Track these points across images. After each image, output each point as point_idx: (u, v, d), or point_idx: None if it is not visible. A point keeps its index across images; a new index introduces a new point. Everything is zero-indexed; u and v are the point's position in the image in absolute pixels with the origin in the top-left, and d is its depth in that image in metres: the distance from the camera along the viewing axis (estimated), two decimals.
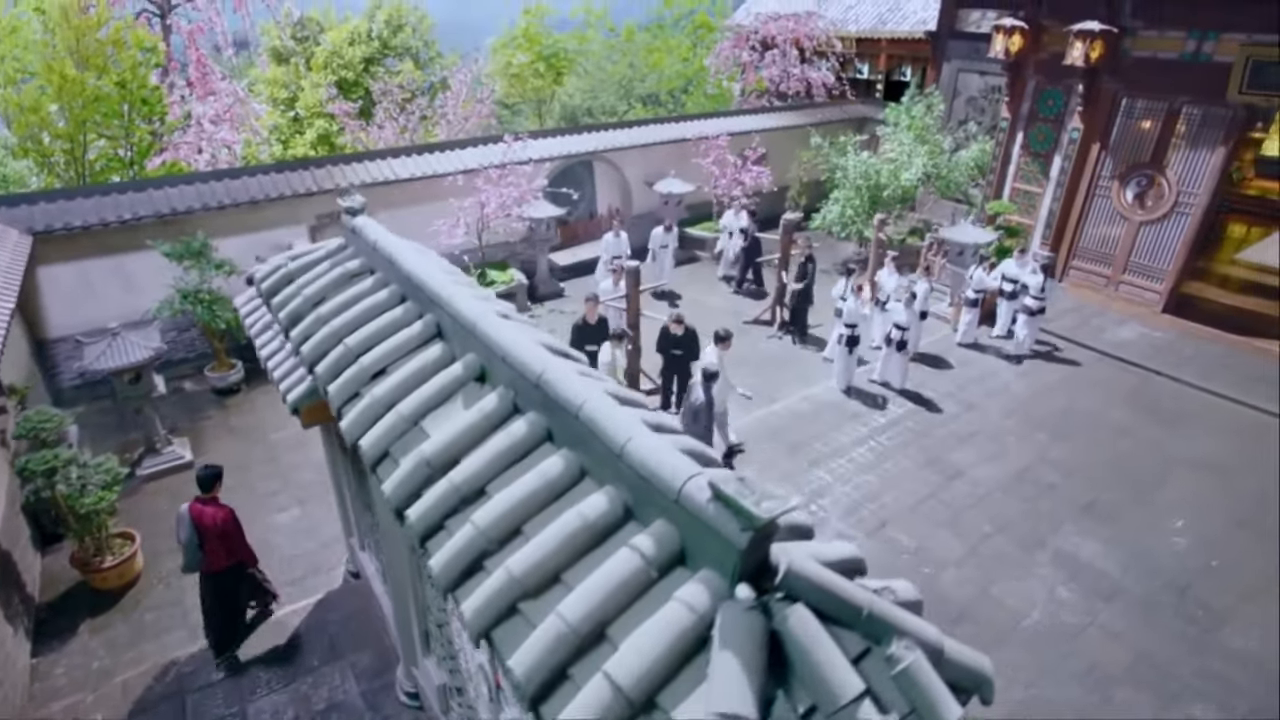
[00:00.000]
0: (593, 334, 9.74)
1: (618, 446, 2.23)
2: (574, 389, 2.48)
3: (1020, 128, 13.94)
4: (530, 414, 2.69)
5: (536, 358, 2.69)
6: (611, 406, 2.39)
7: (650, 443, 2.20)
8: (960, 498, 8.51)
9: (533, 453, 2.58)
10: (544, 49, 23.13)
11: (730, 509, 1.85)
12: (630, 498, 2.26)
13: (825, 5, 19.43)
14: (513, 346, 2.79)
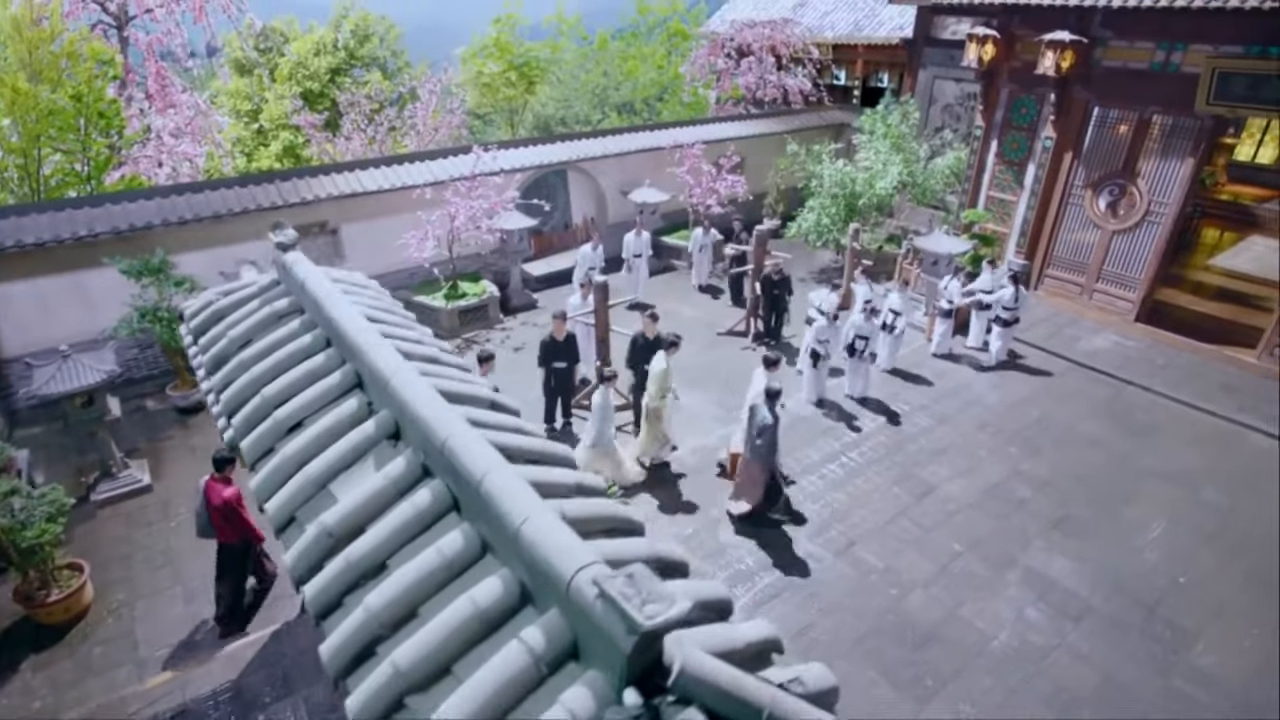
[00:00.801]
0: (561, 351, 9.61)
1: (513, 528, 2.11)
2: (476, 460, 2.35)
3: (994, 135, 13.92)
4: (436, 481, 2.56)
5: (443, 422, 2.56)
6: (512, 481, 2.26)
7: (546, 526, 2.07)
8: (930, 515, 8.43)
9: (436, 524, 2.45)
10: (515, 58, 22.98)
11: (614, 612, 1.73)
12: (529, 580, 2.14)
13: (801, 12, 19.38)
14: (421, 408, 2.66)
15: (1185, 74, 11.01)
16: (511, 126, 23.64)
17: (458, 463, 2.40)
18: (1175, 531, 8.25)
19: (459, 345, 12.67)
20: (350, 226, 12.60)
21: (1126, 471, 9.27)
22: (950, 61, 15.71)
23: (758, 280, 12.02)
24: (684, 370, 11.39)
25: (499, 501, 2.20)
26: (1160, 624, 7.11)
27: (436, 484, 2.55)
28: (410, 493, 2.58)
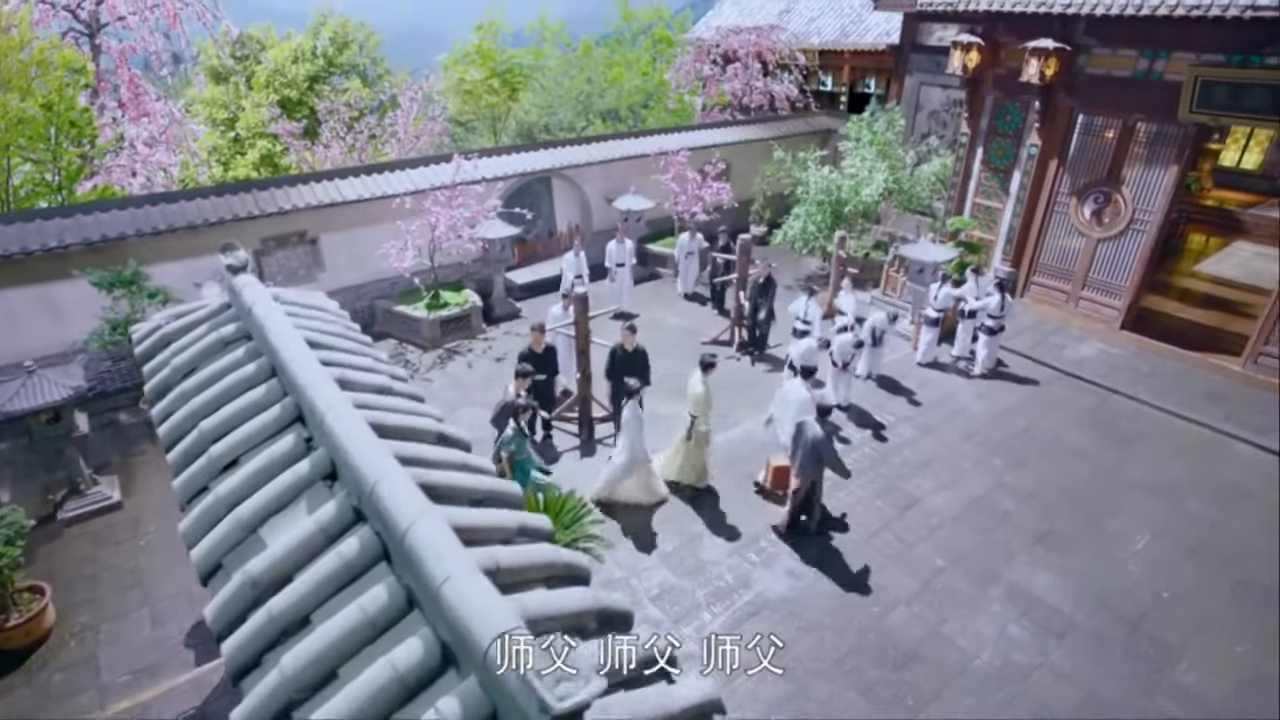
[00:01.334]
0: (540, 363, 9.47)
1: (434, 586, 1.98)
2: (403, 508, 2.23)
3: (980, 143, 13.87)
4: (367, 528, 2.43)
5: (373, 464, 2.43)
6: (438, 533, 2.13)
7: (467, 586, 1.94)
8: (914, 529, 8.33)
9: (364, 575, 2.32)
10: (498, 65, 22.84)
11: (526, 690, 1.60)
12: (452, 641, 2.01)
13: (787, 18, 19.33)
14: (353, 448, 2.53)
15: (1168, 82, 10.97)
16: (494, 134, 23.45)
17: (384, 511, 2.27)
18: (1159, 544, 8.18)
19: (440, 355, 12.53)
20: (330, 236, 12.44)
21: (1111, 483, 9.20)
22: (936, 68, 15.66)
23: (742, 289, 11.92)
24: (666, 381, 11.29)
25: (422, 556, 2.07)
26: (1144, 640, 7.02)
27: (366, 532, 2.42)
28: (340, 540, 2.44)
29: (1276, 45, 9.80)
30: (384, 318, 13.29)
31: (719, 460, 9.39)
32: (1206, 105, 10.61)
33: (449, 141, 18.41)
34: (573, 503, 6.98)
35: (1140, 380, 11.40)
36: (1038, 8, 11.18)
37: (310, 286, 12.58)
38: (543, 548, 2.52)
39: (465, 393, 11.39)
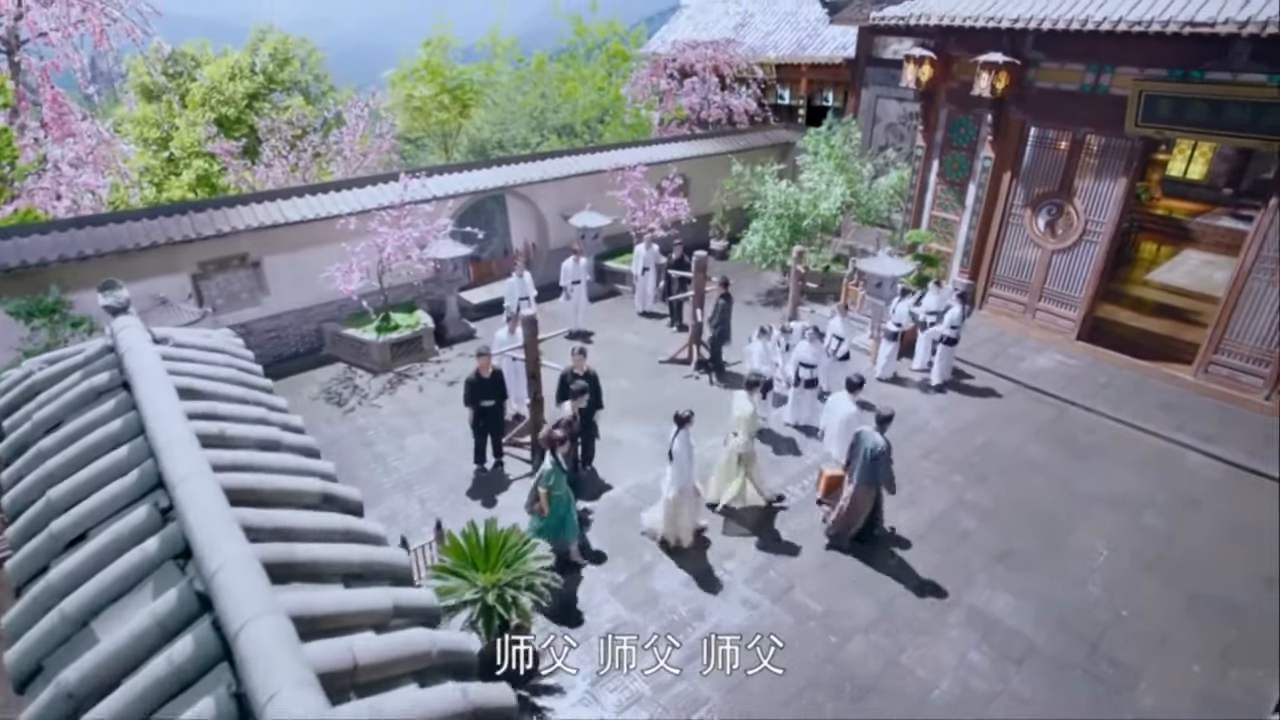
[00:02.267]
0: (488, 388, 9.16)
1: (259, 705, 1.68)
2: (239, 603, 1.92)
3: (935, 155, 13.91)
4: (207, 623, 2.11)
5: (218, 547, 2.12)
6: (273, 636, 1.83)
7: (298, 703, 1.65)
8: (873, 552, 8.14)
9: (199, 681, 2.01)
10: (448, 81, 22.49)
11: None
12: None
13: (743, 32, 19.32)
14: (201, 524, 2.22)
15: (1115, 95, 11.07)
16: (445, 151, 23.03)
17: (220, 604, 1.96)
18: (1117, 560, 8.10)
19: (390, 380, 12.13)
20: (273, 259, 12.00)
21: (1070, 498, 9.13)
22: (892, 81, 15.70)
23: (699, 306, 11.72)
24: (623, 400, 11.05)
25: (250, 665, 1.77)
26: (1103, 662, 6.89)
27: (206, 628, 2.10)
28: (178, 637, 2.12)
29: (1214, 61, 9.93)
30: (333, 341, 12.86)
31: None
32: (1151, 119, 10.71)
33: (398, 159, 18.01)
34: (515, 539, 6.66)
35: (1097, 391, 11.41)
36: (986, 22, 11.21)
37: (254, 310, 12.15)
38: (414, 635, 2.23)
39: (415, 418, 11.01)
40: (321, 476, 3.06)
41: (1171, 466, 9.78)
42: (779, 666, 6.65)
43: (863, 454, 7.63)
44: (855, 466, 7.75)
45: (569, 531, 7.73)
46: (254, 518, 2.42)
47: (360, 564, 2.55)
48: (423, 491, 9.37)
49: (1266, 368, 10.73)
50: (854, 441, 7.78)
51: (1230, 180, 18.93)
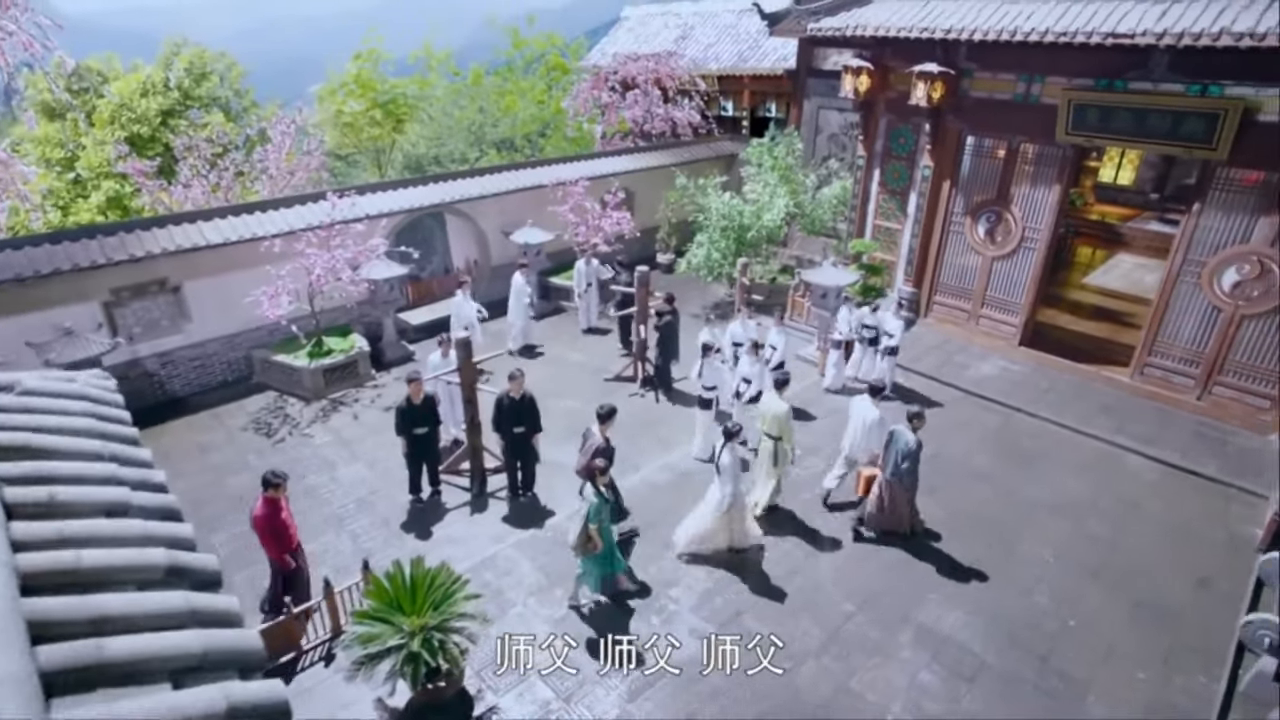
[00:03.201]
0: (420, 415, 8.74)
1: None
2: None
3: (876, 165, 13.98)
4: None
5: None
6: None
7: None
8: (822, 572, 7.96)
9: None
10: (380, 95, 21.87)
11: None
12: None
13: (684, 44, 19.29)
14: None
15: (1046, 104, 11.24)
16: (379, 167, 22.38)
17: None
18: (1063, 568, 8.06)
19: (324, 407, 11.58)
20: (195, 284, 11.38)
21: (1016, 506, 9.10)
22: (833, 92, 15.77)
23: (643, 323, 11.48)
24: (568, 420, 10.74)
25: None
26: (1053, 676, 6.80)
27: None
28: None
29: (1136, 71, 10.16)
30: (262, 368, 12.26)
31: None
32: (1080, 127, 10.89)
33: (328, 177, 17.41)
34: (443, 577, 6.27)
35: (1040, 397, 11.50)
36: (920, 33, 11.29)
37: (175, 338, 11.52)
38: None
39: (349, 448, 10.51)
40: (171, 544, 2.68)
41: (1112, 470, 9.85)
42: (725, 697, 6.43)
43: (895, 453, 7.88)
44: (889, 464, 7.97)
45: (619, 563, 7.46)
46: (58, 609, 2.05)
47: (200, 653, 2.19)
48: (355, 525, 8.89)
49: (1196, 368, 10.95)
50: (888, 440, 8.02)
51: (1156, 186, 19.57)
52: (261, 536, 6.80)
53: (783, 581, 7.82)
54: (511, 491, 9.28)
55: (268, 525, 6.74)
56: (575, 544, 6.92)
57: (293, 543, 7.04)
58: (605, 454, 7.33)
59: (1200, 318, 10.74)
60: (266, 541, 6.82)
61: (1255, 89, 9.44)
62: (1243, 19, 8.77)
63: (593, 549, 6.96)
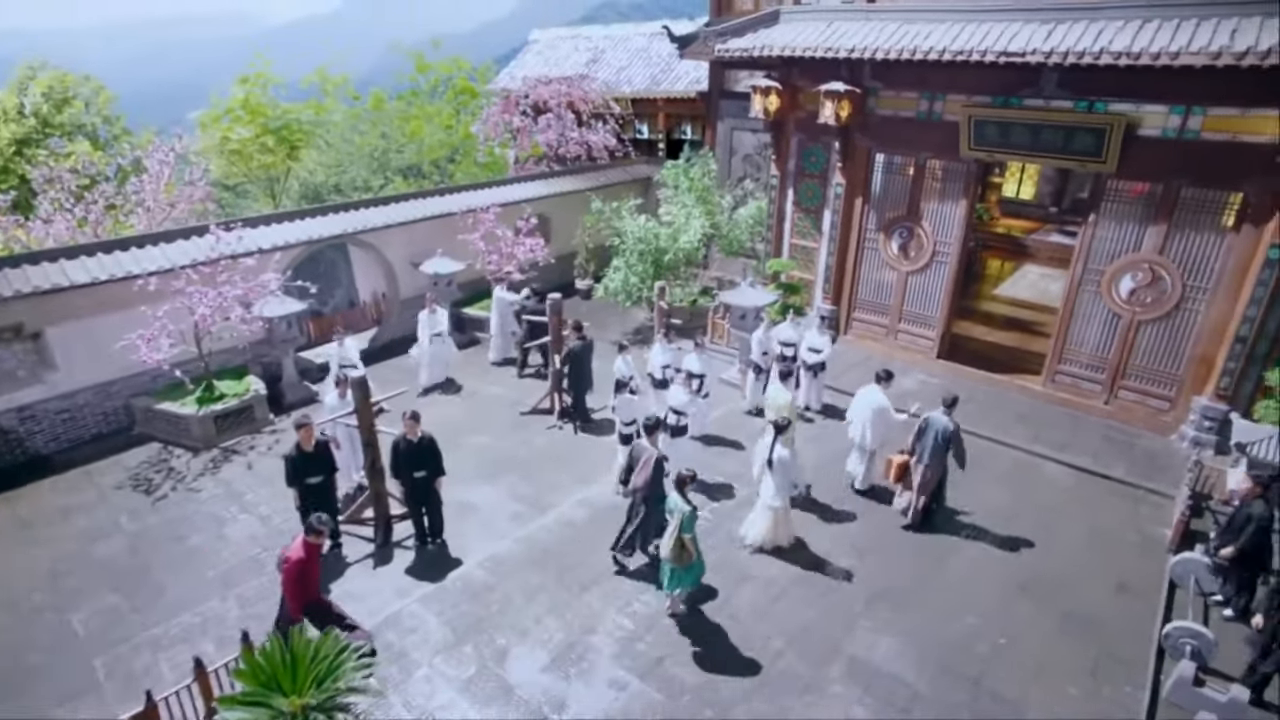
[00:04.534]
0: (313, 463, 8.02)
1: None
2: None
3: (790, 184, 14.02)
4: None
5: None
6: None
7: None
8: (749, 606, 7.59)
9: None
10: (271, 121, 20.72)
11: None
12: None
13: (596, 68, 19.15)
14: None
15: (948, 121, 11.45)
16: (273, 197, 21.22)
17: None
18: (991, 585, 7.94)
19: (215, 458, 10.64)
20: (59, 329, 10.32)
21: (942, 522, 8.98)
22: (745, 113, 15.82)
23: (556, 351, 11.03)
24: (480, 457, 10.21)
25: None
26: (986, 698, 6.59)
27: None
28: None
29: (1029, 89, 10.46)
30: (144, 418, 11.22)
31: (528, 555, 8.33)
32: (982, 143, 11.12)
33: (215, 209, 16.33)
34: (328, 647, 5.58)
35: (959, 408, 11.49)
36: (825, 53, 11.36)
37: (36, 390, 10.41)
38: None
39: (240, 501, 9.64)
40: None
41: (1032, 478, 9.91)
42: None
43: (934, 436, 8.38)
44: (924, 449, 8.45)
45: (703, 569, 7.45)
46: None
47: None
48: (244, 589, 8.05)
49: (1102, 374, 11.23)
50: (921, 427, 8.54)
51: (1055, 200, 20.45)
52: (289, 582, 6.32)
53: (707, 621, 7.42)
54: (419, 539, 8.62)
55: (299, 572, 6.28)
56: (669, 555, 6.94)
57: (314, 595, 6.58)
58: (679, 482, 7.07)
59: (1103, 324, 11.03)
60: (293, 589, 6.35)
61: (1135, 105, 9.81)
62: (1119, 39, 9.09)
63: (687, 559, 6.98)
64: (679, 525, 6.80)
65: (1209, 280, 10.01)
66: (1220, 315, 9.94)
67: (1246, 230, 9.56)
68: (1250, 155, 9.19)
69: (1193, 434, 10.30)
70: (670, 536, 6.86)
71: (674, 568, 7.00)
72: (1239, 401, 9.94)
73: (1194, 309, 10.21)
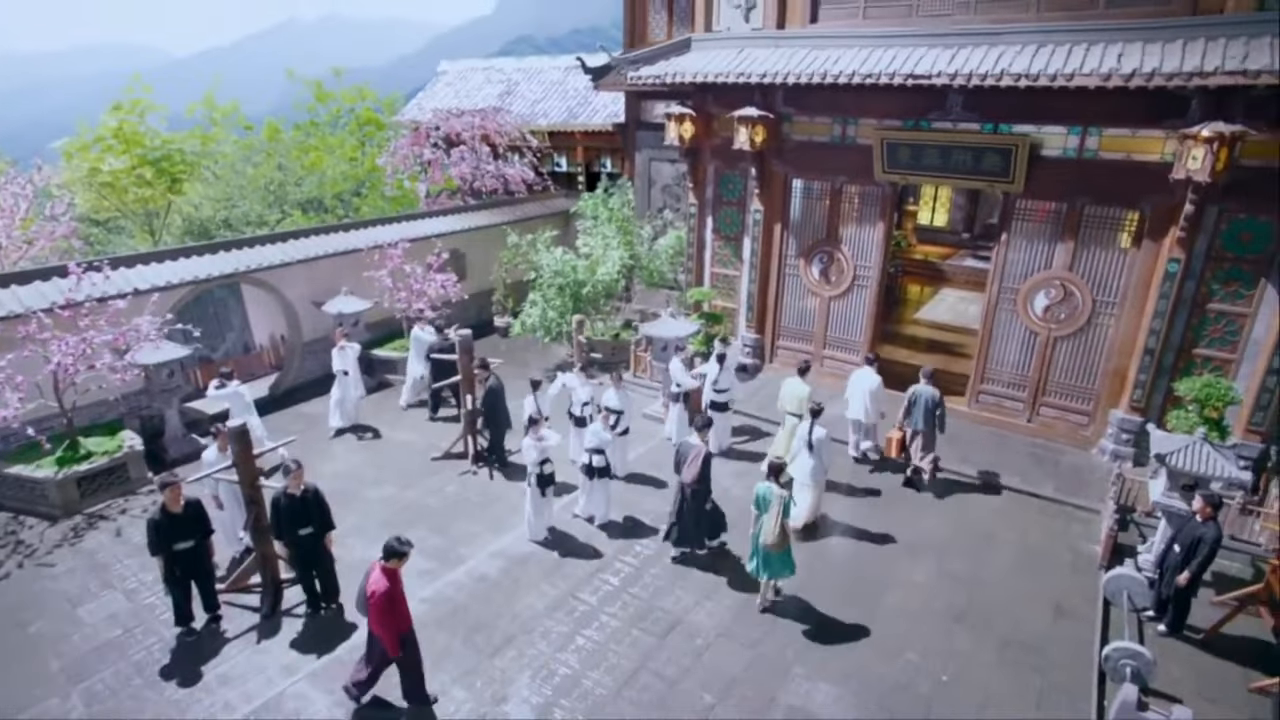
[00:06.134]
0: (182, 527, 7.06)
1: None
2: None
3: (709, 212, 13.82)
4: None
5: None
6: None
7: None
8: (676, 659, 6.98)
9: None
10: (149, 151, 19.21)
11: None
12: None
13: (510, 100, 18.80)
14: None
15: (862, 145, 11.47)
16: (151, 233, 19.71)
17: None
18: (928, 618, 7.57)
19: (77, 526, 9.40)
20: None
21: (877, 554, 8.64)
22: (662, 144, 15.68)
23: (469, 392, 10.32)
24: (384, 509, 9.36)
25: None
26: None
27: None
28: None
29: (937, 111, 10.56)
30: None
31: (436, 614, 7.51)
32: (895, 165, 11.15)
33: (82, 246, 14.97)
34: None
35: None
36: (737, 78, 11.26)
37: None
38: None
39: (102, 575, 8.45)
40: None
41: (963, 503, 9.71)
42: None
43: (923, 405, 9.58)
44: (916, 419, 9.72)
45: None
46: None
47: None
48: (96, 681, 6.92)
49: (1024, 391, 11.25)
50: (911, 400, 9.73)
51: (967, 226, 21.09)
52: (378, 615, 5.84)
53: (634, 675, 6.76)
54: (310, 606, 7.69)
55: (388, 603, 5.84)
56: (774, 541, 7.21)
57: (408, 625, 6.17)
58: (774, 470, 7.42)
59: (1021, 343, 11.08)
60: (383, 620, 5.87)
61: (1037, 126, 10.00)
62: (1018, 62, 9.25)
63: (786, 543, 7.31)
64: (781, 510, 7.12)
65: (1116, 295, 10.17)
66: (1129, 329, 10.09)
67: (1147, 245, 9.77)
68: (1145, 174, 9.43)
69: (1112, 447, 10.35)
70: (774, 521, 7.12)
71: (773, 555, 7.31)
72: (1151, 413, 10.05)
73: (1104, 324, 10.35)
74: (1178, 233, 9.24)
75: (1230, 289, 9.38)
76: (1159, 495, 8.41)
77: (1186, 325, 9.69)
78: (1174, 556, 7.23)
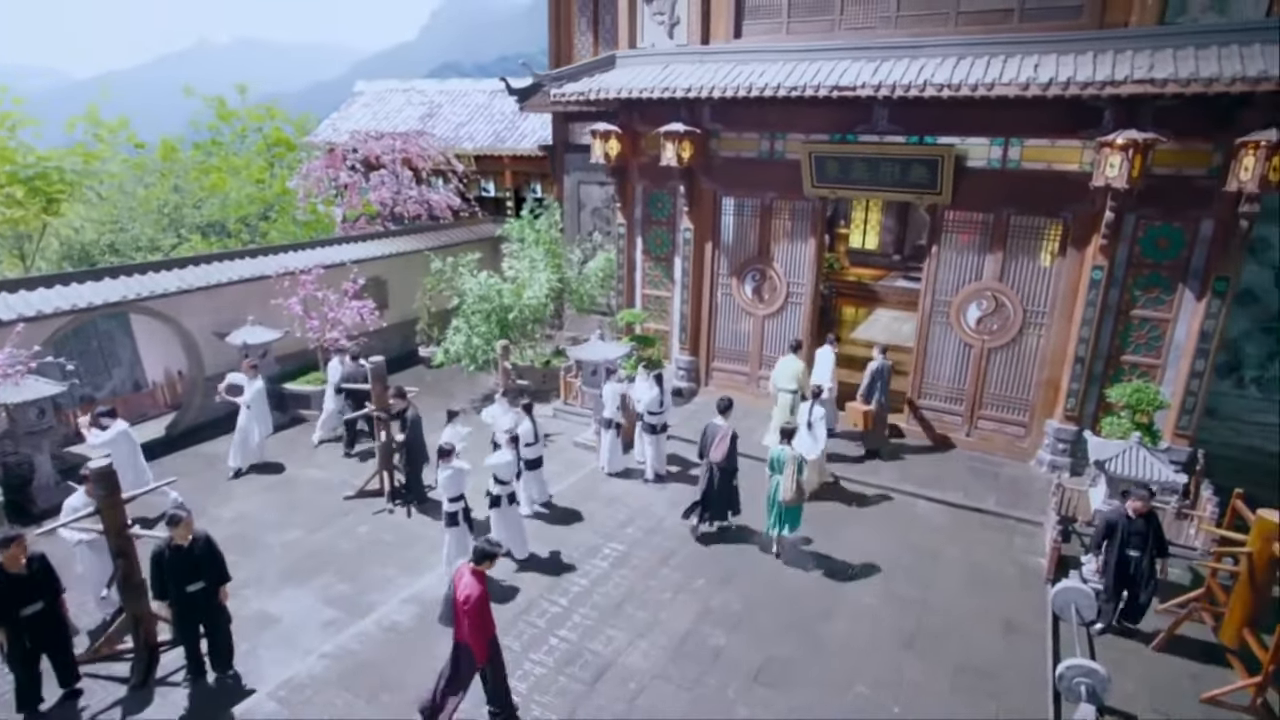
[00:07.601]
0: (25, 589, 6.08)
1: None
2: None
3: (638, 232, 13.47)
4: None
5: None
6: None
7: None
8: (609, 707, 6.31)
9: None
10: (22, 169, 17.58)
11: None
12: None
13: (432, 123, 18.22)
14: None
15: (790, 160, 11.33)
16: (22, 258, 18.08)
17: None
18: (878, 644, 7.13)
19: None
20: None
21: (820, 580, 8.17)
22: (590, 166, 15.38)
23: (384, 426, 9.53)
24: (288, 555, 8.45)
25: None
26: None
27: None
28: None
29: (863, 125, 10.53)
30: None
31: (339, 671, 6.65)
32: (824, 179, 11.03)
33: None
34: None
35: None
36: (661, 93, 11.02)
37: None
38: None
39: None
40: None
41: (906, 521, 9.40)
42: None
43: (880, 377, 10.45)
44: (876, 390, 10.54)
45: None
46: None
47: None
48: None
49: (961, 405, 11.13)
50: (873, 374, 10.50)
51: (897, 248, 21.38)
52: (471, 621, 5.68)
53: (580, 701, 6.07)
54: (192, 672, 6.72)
55: (482, 606, 5.75)
56: (791, 497, 8.07)
57: (494, 628, 6.02)
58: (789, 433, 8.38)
59: (956, 356, 10.98)
60: (475, 626, 5.71)
61: (960, 138, 10.02)
62: (940, 73, 9.26)
63: (801, 499, 8.14)
64: (796, 469, 7.98)
65: (1046, 304, 10.18)
66: (1059, 338, 10.08)
67: (1071, 254, 9.82)
68: (1066, 183, 9.54)
69: (1049, 458, 10.26)
70: (789, 479, 7.97)
71: (786, 509, 8.16)
72: (1085, 421, 10.02)
73: (1036, 333, 10.33)
74: (1100, 240, 9.30)
75: (1151, 294, 9.48)
76: (1100, 503, 8.26)
77: (1113, 332, 9.74)
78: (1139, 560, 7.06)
